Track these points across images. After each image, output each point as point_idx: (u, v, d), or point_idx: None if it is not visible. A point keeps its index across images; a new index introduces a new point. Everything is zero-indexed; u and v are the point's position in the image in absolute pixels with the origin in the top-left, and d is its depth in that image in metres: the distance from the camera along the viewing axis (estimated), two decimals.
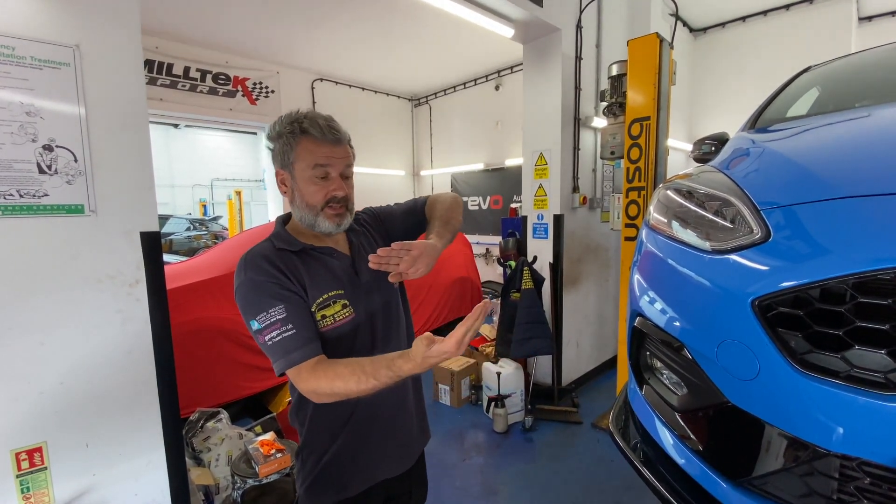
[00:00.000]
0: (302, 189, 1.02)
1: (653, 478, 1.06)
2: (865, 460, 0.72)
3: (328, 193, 1.02)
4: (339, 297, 1.02)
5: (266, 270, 0.97)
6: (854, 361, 0.74)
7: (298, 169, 1.01)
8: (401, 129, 8.15)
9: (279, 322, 0.92)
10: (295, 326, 0.93)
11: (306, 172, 1.01)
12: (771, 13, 5.14)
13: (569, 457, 2.77)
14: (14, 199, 1.25)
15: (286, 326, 0.92)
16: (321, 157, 1.00)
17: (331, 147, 1.02)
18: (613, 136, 3.19)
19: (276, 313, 0.92)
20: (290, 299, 0.95)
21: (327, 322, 1.00)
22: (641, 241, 1.28)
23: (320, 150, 1.00)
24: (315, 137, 1.00)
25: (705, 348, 0.93)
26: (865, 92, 1.70)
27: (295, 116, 1.02)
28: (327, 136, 1.01)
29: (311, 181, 1.01)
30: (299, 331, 0.93)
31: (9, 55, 1.23)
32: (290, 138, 1.00)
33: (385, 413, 1.12)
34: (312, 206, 1.02)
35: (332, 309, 1.01)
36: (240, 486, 2.04)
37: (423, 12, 4.48)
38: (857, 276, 0.73)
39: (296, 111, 1.04)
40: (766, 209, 0.94)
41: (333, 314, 1.01)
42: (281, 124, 1.02)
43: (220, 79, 5.54)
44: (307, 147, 1.00)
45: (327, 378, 0.89)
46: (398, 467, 1.17)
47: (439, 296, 4.52)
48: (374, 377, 0.87)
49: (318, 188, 1.01)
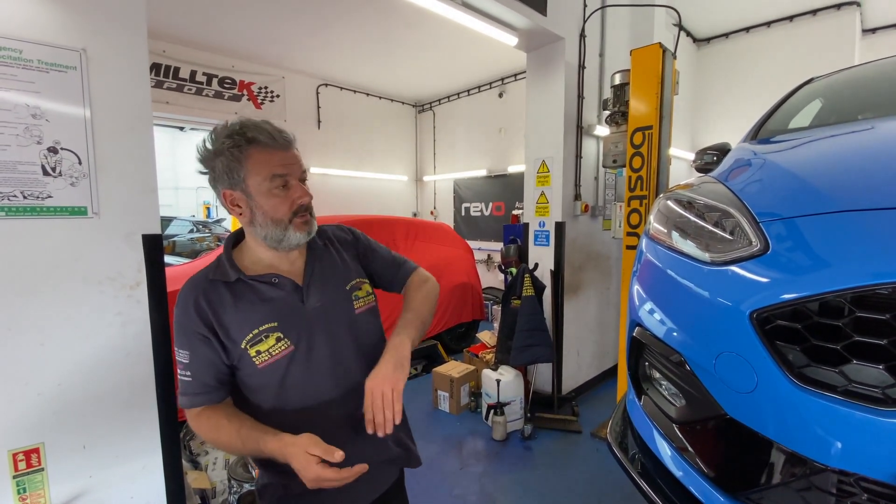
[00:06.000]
0: (263, 205, 0.92)
1: (650, 490, 1.05)
2: (863, 476, 0.72)
3: (293, 203, 0.94)
4: (272, 331, 0.94)
5: (187, 310, 0.93)
6: (852, 376, 0.73)
7: (253, 184, 0.91)
8: (404, 134, 8.18)
9: (183, 365, 0.94)
10: (192, 375, 0.94)
11: (263, 185, 0.91)
12: (774, 24, 5.15)
13: (568, 466, 2.75)
14: (18, 200, 1.26)
15: (185, 372, 0.94)
16: (277, 167, 0.92)
17: (283, 153, 0.94)
18: (616, 144, 3.20)
19: (183, 357, 0.94)
20: (196, 347, 0.93)
21: (263, 358, 0.93)
22: (641, 251, 1.27)
23: (274, 159, 0.92)
24: (266, 145, 0.92)
25: (704, 360, 0.92)
26: (868, 104, 1.70)
27: (232, 128, 0.92)
28: (278, 141, 0.93)
29: (272, 194, 0.92)
30: (194, 379, 0.94)
31: (16, 58, 1.24)
32: (234, 152, 0.89)
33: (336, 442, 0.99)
34: (279, 220, 0.93)
35: (266, 343, 0.93)
36: (236, 490, 2.03)
37: (427, 20, 4.51)
38: (855, 290, 0.73)
39: (226, 123, 0.93)
40: (765, 221, 0.94)
41: (269, 349, 0.93)
42: (216, 141, 0.91)
43: (226, 83, 5.58)
44: (258, 158, 0.90)
45: (210, 428, 0.93)
46: (370, 493, 1.07)
47: (440, 301, 4.52)
48: (244, 444, 0.89)
49: (280, 200, 0.93)
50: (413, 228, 4.63)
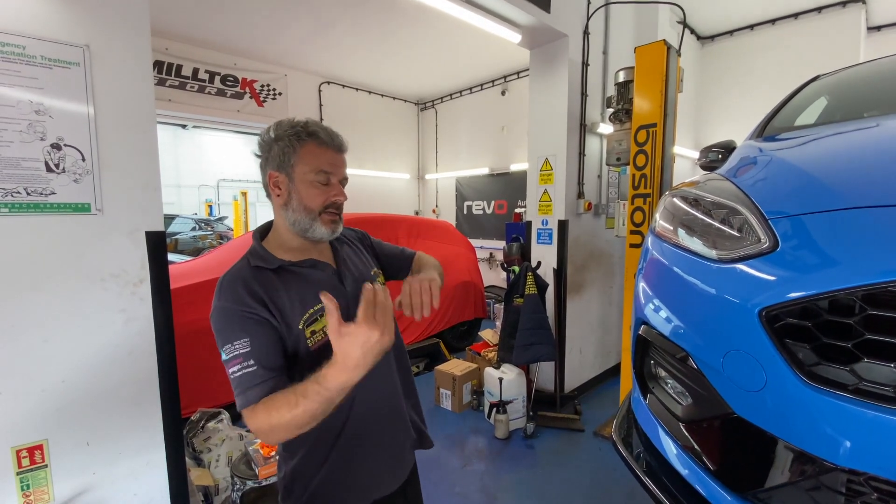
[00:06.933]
0: (301, 192, 1.00)
1: (655, 488, 1.05)
2: (873, 475, 0.71)
3: (328, 199, 1.02)
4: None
5: (238, 296, 0.92)
6: (863, 374, 0.72)
7: (299, 172, 0.99)
8: (406, 132, 8.16)
9: (241, 357, 0.88)
10: (256, 361, 0.88)
11: (308, 176, 0.99)
12: (779, 21, 5.12)
13: (570, 465, 2.75)
14: (21, 196, 1.26)
15: (248, 361, 0.88)
16: (325, 163, 1.00)
17: (334, 154, 1.02)
18: (619, 142, 3.18)
19: (241, 347, 0.89)
20: (255, 331, 0.90)
21: (318, 338, 0.97)
22: (647, 249, 1.27)
23: (325, 156, 1.01)
24: (322, 142, 1.00)
25: (711, 358, 0.92)
26: (874, 102, 1.68)
27: (298, 121, 1.02)
28: (333, 143, 1.02)
29: (313, 185, 1.00)
30: (260, 366, 0.88)
31: (20, 54, 1.24)
32: (292, 141, 0.98)
33: (376, 426, 1.07)
34: (311, 209, 1.00)
35: (320, 323, 0.98)
36: (239, 487, 2.03)
37: (430, 17, 4.50)
38: (866, 287, 0.72)
39: (293, 118, 1.03)
40: (774, 218, 0.93)
41: (322, 328, 0.97)
42: (280, 128, 1.01)
43: (229, 81, 5.58)
44: (312, 151, 0.99)
45: (266, 413, 0.84)
46: (392, 482, 1.12)
47: (442, 299, 4.51)
48: (303, 396, 0.81)
49: (318, 192, 1.00)
50: (415, 226, 4.62)
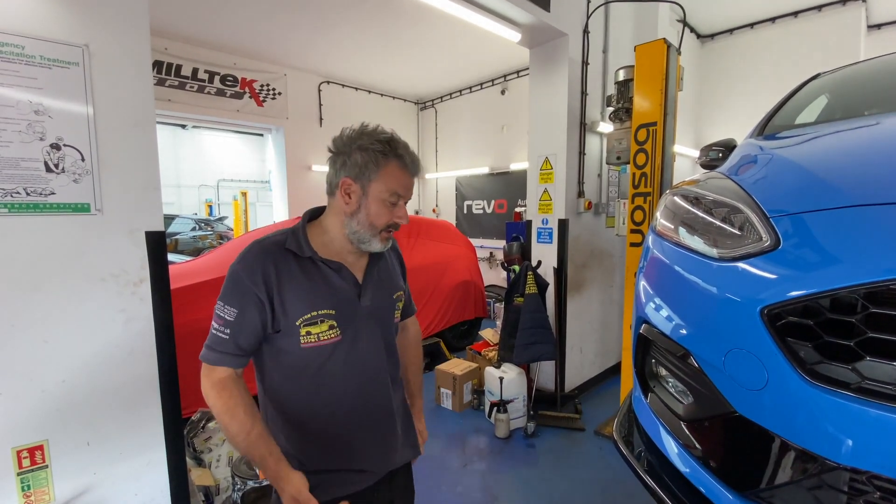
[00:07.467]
0: (371, 208, 1.01)
1: (656, 487, 1.04)
2: (876, 474, 0.71)
3: (392, 219, 1.04)
4: (328, 317, 1.00)
5: (253, 272, 0.96)
6: (865, 373, 0.72)
7: (375, 188, 1.00)
8: (406, 132, 8.15)
9: (223, 321, 0.95)
10: (231, 333, 0.95)
11: (383, 195, 1.00)
12: (779, 20, 5.11)
13: (571, 464, 2.75)
14: (21, 196, 1.26)
15: (224, 329, 0.95)
16: (401, 187, 1.02)
17: (411, 178, 1.04)
18: (619, 141, 3.18)
19: (227, 313, 0.95)
20: (247, 309, 0.95)
21: (310, 339, 0.99)
22: (648, 248, 1.26)
23: (404, 180, 1.02)
24: (405, 166, 1.02)
25: (712, 357, 0.91)
26: (875, 100, 1.68)
27: (386, 137, 1.01)
28: (415, 169, 1.04)
29: (384, 204, 1.01)
30: (231, 339, 0.95)
31: (18, 54, 1.24)
32: (377, 156, 0.98)
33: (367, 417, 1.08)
34: (375, 226, 1.02)
35: (319, 328, 0.99)
36: (240, 487, 2.03)
37: (430, 16, 4.49)
38: (868, 285, 0.71)
39: (375, 127, 1.02)
40: (775, 216, 0.92)
41: (319, 333, 0.99)
42: (367, 138, 0.99)
43: (228, 80, 5.57)
44: (393, 172, 1.00)
45: (224, 408, 0.94)
46: (379, 463, 1.11)
47: (442, 299, 4.51)
48: (248, 446, 0.94)
49: (386, 211, 1.02)
50: (416, 226, 4.62)
